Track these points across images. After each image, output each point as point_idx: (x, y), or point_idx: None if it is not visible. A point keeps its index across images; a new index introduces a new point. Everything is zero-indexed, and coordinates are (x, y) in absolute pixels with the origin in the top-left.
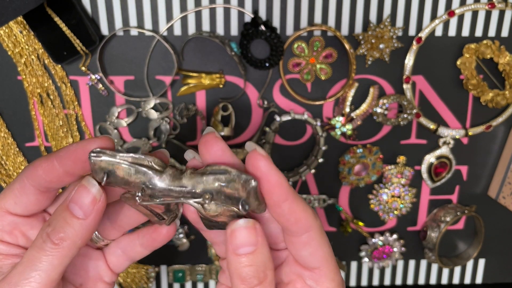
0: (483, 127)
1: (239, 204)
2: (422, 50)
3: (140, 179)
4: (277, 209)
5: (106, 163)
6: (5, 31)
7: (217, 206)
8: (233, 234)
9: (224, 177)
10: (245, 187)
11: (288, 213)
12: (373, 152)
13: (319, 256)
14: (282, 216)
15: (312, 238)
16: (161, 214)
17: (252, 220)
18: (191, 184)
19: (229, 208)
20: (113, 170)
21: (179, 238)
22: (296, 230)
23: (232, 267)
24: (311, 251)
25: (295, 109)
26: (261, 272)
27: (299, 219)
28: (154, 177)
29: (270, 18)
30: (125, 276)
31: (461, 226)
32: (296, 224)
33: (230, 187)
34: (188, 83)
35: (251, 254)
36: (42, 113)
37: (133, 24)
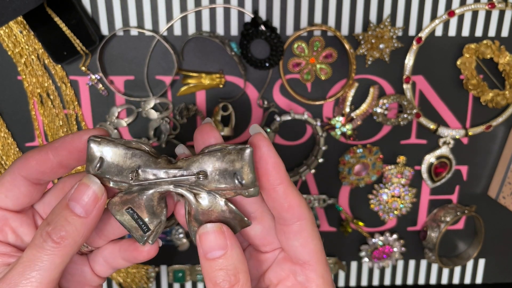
0: (483, 127)
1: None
2: (422, 50)
3: (135, 162)
4: (272, 193)
5: (104, 147)
6: (5, 31)
7: (209, 197)
8: (201, 239)
9: (219, 152)
10: (240, 156)
11: (282, 196)
12: (373, 152)
13: (309, 249)
14: (276, 200)
15: (304, 228)
16: (145, 222)
17: (219, 224)
18: (186, 165)
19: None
20: (108, 156)
21: (179, 238)
22: (289, 216)
23: (204, 272)
24: (302, 241)
25: (295, 109)
26: (232, 276)
27: (292, 205)
28: (150, 160)
29: (270, 18)
30: (125, 276)
31: (461, 226)
32: (289, 210)
33: (225, 160)
34: (188, 83)
35: (220, 258)
36: (42, 113)
37: (133, 24)
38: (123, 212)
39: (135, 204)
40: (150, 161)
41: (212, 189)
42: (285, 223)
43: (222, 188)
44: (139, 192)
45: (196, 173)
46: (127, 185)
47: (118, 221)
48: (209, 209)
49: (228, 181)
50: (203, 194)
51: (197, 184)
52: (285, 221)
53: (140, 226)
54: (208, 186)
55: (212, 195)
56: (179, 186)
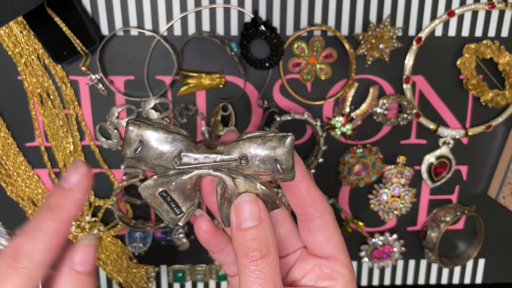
0: (483, 127)
1: (275, 164)
2: (422, 50)
3: (176, 146)
4: (295, 188)
5: (144, 130)
6: (5, 31)
7: (246, 180)
8: (237, 208)
9: (260, 139)
10: (282, 143)
11: (305, 192)
12: (373, 152)
13: (334, 242)
14: (300, 196)
15: (327, 222)
16: (178, 205)
17: (255, 195)
18: (227, 150)
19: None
20: (149, 140)
21: (179, 238)
22: (312, 211)
23: (236, 243)
24: (326, 236)
25: (295, 109)
26: (264, 247)
27: (315, 200)
28: (191, 145)
29: (270, 18)
30: (125, 276)
31: (461, 226)
32: (313, 204)
33: (266, 146)
34: (188, 83)
35: (255, 227)
36: (42, 113)
37: (133, 24)
38: (156, 195)
39: (170, 187)
40: (191, 145)
41: (250, 174)
42: (309, 218)
43: (261, 172)
44: (177, 175)
45: (238, 159)
46: (164, 169)
47: (149, 204)
48: (246, 192)
49: (268, 166)
50: (240, 178)
51: (237, 168)
52: (309, 217)
53: (173, 208)
54: (247, 170)
55: (248, 179)
56: (218, 170)
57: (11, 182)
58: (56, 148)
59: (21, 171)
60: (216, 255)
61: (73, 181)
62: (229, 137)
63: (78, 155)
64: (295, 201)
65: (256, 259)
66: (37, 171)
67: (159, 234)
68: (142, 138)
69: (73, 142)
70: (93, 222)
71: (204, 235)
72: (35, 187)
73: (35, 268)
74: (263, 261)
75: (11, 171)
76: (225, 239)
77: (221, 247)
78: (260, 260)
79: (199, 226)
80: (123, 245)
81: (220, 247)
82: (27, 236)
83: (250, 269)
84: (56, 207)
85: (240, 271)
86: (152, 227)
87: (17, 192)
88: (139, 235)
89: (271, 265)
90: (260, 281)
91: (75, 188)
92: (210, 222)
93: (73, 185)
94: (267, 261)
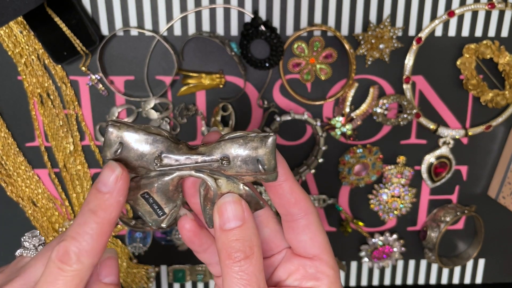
0: (483, 127)
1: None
2: (422, 50)
3: (157, 147)
4: (278, 189)
5: (124, 132)
6: (5, 31)
7: (228, 181)
8: (220, 209)
9: (241, 139)
10: (264, 143)
11: (289, 192)
12: (373, 152)
13: (318, 242)
14: (283, 196)
15: (311, 222)
16: (161, 206)
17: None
18: (208, 151)
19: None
20: (129, 141)
21: (179, 238)
22: (296, 211)
23: (220, 243)
24: (310, 235)
25: (295, 109)
26: (248, 247)
27: (299, 200)
28: (172, 146)
29: (270, 18)
30: (125, 276)
31: (461, 226)
32: (297, 204)
33: (248, 146)
34: (188, 83)
35: (238, 228)
36: (42, 113)
37: (133, 24)
38: (138, 197)
39: (152, 188)
40: (172, 146)
41: (232, 174)
42: (293, 218)
43: (243, 173)
44: (158, 177)
45: (219, 159)
46: (145, 170)
47: (131, 206)
48: (228, 193)
49: (250, 167)
50: (222, 179)
51: (219, 169)
52: (293, 217)
53: (155, 210)
54: (229, 171)
55: (231, 179)
56: (200, 171)
57: (11, 182)
58: (56, 148)
59: (21, 171)
60: (200, 255)
61: (110, 184)
62: (212, 138)
63: (78, 155)
64: (278, 201)
65: (240, 260)
66: (37, 171)
67: (159, 234)
68: (122, 140)
69: (73, 142)
70: None
71: (187, 234)
72: (35, 187)
73: (83, 269)
74: (247, 261)
75: (11, 171)
76: (209, 239)
77: (204, 247)
78: (244, 261)
79: (183, 225)
80: (123, 245)
81: (204, 247)
82: (73, 240)
83: (234, 270)
84: (98, 210)
85: (223, 272)
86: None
87: (17, 192)
88: (139, 235)
89: (254, 266)
90: (244, 282)
91: (113, 191)
92: (194, 222)
93: (111, 188)
94: (251, 262)
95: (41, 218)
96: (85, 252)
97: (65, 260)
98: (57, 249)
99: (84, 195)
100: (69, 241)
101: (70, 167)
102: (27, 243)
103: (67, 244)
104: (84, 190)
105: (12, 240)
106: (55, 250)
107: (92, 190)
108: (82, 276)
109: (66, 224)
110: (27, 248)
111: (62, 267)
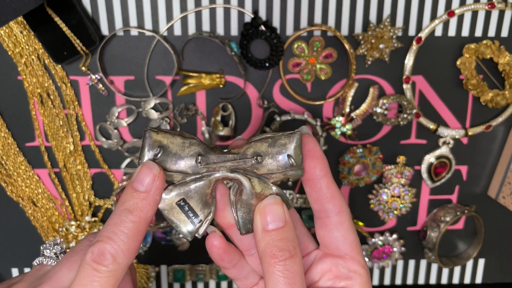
0: (483, 127)
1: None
2: (422, 50)
3: (194, 150)
4: (317, 183)
5: (163, 137)
6: (6, 31)
7: (260, 181)
8: (264, 210)
9: (270, 139)
10: (292, 139)
11: (325, 187)
12: (373, 152)
13: (350, 240)
14: (320, 191)
15: (344, 220)
16: (196, 213)
17: (279, 197)
18: (241, 151)
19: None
20: (167, 145)
21: (179, 238)
22: (331, 207)
23: (263, 244)
24: (343, 232)
25: (295, 109)
26: (292, 247)
27: (335, 195)
28: (207, 148)
29: (270, 18)
30: None
31: (461, 226)
32: (332, 200)
33: (277, 144)
34: (188, 83)
35: (281, 228)
36: (42, 113)
37: (133, 24)
38: (173, 205)
39: (189, 193)
40: (208, 149)
41: (263, 173)
42: (326, 214)
43: (274, 170)
44: (195, 181)
45: (253, 157)
46: (181, 175)
47: (165, 216)
48: (260, 192)
49: (281, 163)
50: (254, 179)
51: (252, 168)
52: (326, 213)
53: (190, 218)
54: (261, 169)
55: (262, 180)
56: (235, 172)
57: (11, 182)
58: (56, 148)
59: (21, 171)
60: (229, 271)
61: (147, 183)
62: (238, 144)
63: (78, 155)
64: (315, 195)
65: (285, 259)
66: (37, 171)
67: (159, 234)
68: (161, 144)
69: (73, 142)
70: (93, 222)
71: (217, 252)
72: (35, 187)
73: (119, 270)
74: (292, 260)
75: (11, 171)
76: (237, 254)
77: (234, 263)
78: (289, 260)
79: (212, 243)
80: None
81: (233, 262)
82: (109, 240)
83: (278, 269)
84: (134, 209)
85: (267, 273)
86: (152, 227)
87: (17, 192)
88: None
89: (299, 265)
90: (289, 281)
91: (150, 190)
92: (222, 238)
93: (148, 188)
94: (295, 261)
95: (41, 218)
96: (121, 251)
97: (101, 260)
98: (92, 250)
99: (84, 195)
100: (105, 241)
101: (70, 167)
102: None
103: (103, 245)
104: (84, 190)
105: (12, 240)
106: (89, 252)
107: (128, 189)
108: (117, 277)
109: (66, 224)
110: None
111: (98, 268)
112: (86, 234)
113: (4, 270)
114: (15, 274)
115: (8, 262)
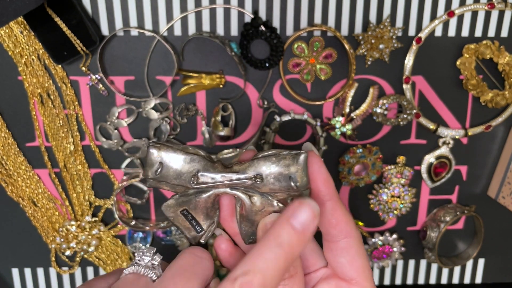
0: (483, 127)
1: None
2: (422, 50)
3: (194, 167)
4: (321, 207)
5: (164, 152)
6: (6, 32)
7: (262, 198)
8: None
9: (274, 157)
10: (295, 160)
11: (330, 212)
12: (373, 152)
13: (356, 266)
14: (324, 216)
15: (351, 245)
16: (199, 223)
17: None
18: (242, 169)
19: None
20: (168, 161)
21: (179, 238)
22: (336, 233)
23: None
24: (349, 258)
25: (295, 109)
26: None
27: (340, 221)
28: (208, 164)
29: (270, 18)
30: None
31: (460, 226)
32: (337, 226)
33: (280, 164)
34: (188, 83)
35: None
36: (43, 113)
37: (133, 24)
38: (178, 214)
39: (190, 205)
40: (208, 165)
41: (265, 191)
42: (332, 239)
43: (276, 190)
44: (196, 195)
45: (253, 177)
46: (184, 188)
47: (171, 222)
48: (262, 209)
49: (283, 184)
50: (256, 196)
51: (253, 186)
52: (332, 238)
53: (194, 226)
54: (263, 188)
55: (265, 196)
56: (235, 188)
57: (11, 182)
58: (56, 148)
59: (21, 171)
60: None
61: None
62: (248, 156)
63: (78, 155)
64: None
65: (284, 279)
66: (37, 171)
67: (159, 234)
68: (162, 160)
69: (73, 142)
70: (93, 222)
71: (223, 254)
72: (35, 187)
73: None
74: (291, 280)
75: (11, 171)
76: None
77: None
78: (288, 280)
79: (219, 245)
80: (123, 245)
81: None
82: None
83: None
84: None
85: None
86: (152, 227)
87: (17, 192)
88: (139, 235)
89: (298, 285)
90: None
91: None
92: (229, 241)
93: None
94: (294, 281)
95: (41, 218)
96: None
97: None
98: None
99: (85, 195)
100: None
101: (70, 167)
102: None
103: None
104: (84, 190)
105: (12, 240)
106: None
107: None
108: None
109: (67, 224)
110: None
111: None
112: (86, 234)
113: (4, 270)
114: (15, 274)
115: (9, 262)
